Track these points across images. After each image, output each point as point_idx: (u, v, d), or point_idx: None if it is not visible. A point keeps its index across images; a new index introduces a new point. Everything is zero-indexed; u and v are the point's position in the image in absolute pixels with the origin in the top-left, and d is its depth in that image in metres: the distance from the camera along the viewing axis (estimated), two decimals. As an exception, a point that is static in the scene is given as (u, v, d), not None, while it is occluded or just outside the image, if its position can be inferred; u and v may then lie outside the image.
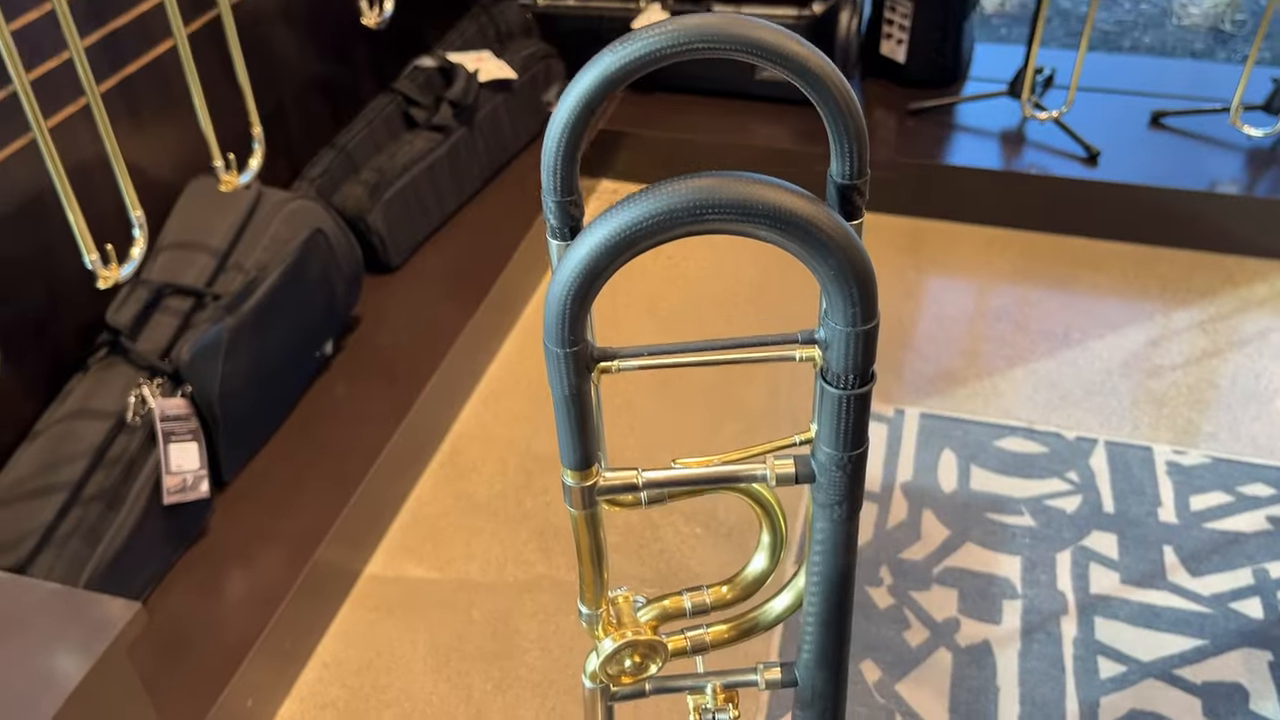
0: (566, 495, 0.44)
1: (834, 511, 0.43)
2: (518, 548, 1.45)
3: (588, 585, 0.45)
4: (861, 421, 0.42)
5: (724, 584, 0.49)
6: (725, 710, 0.49)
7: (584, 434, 0.42)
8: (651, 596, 0.49)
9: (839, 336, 0.39)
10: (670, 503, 0.46)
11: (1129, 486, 1.49)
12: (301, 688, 1.29)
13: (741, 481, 0.44)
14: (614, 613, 0.48)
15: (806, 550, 0.46)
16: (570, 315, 0.39)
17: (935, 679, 1.27)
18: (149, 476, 1.22)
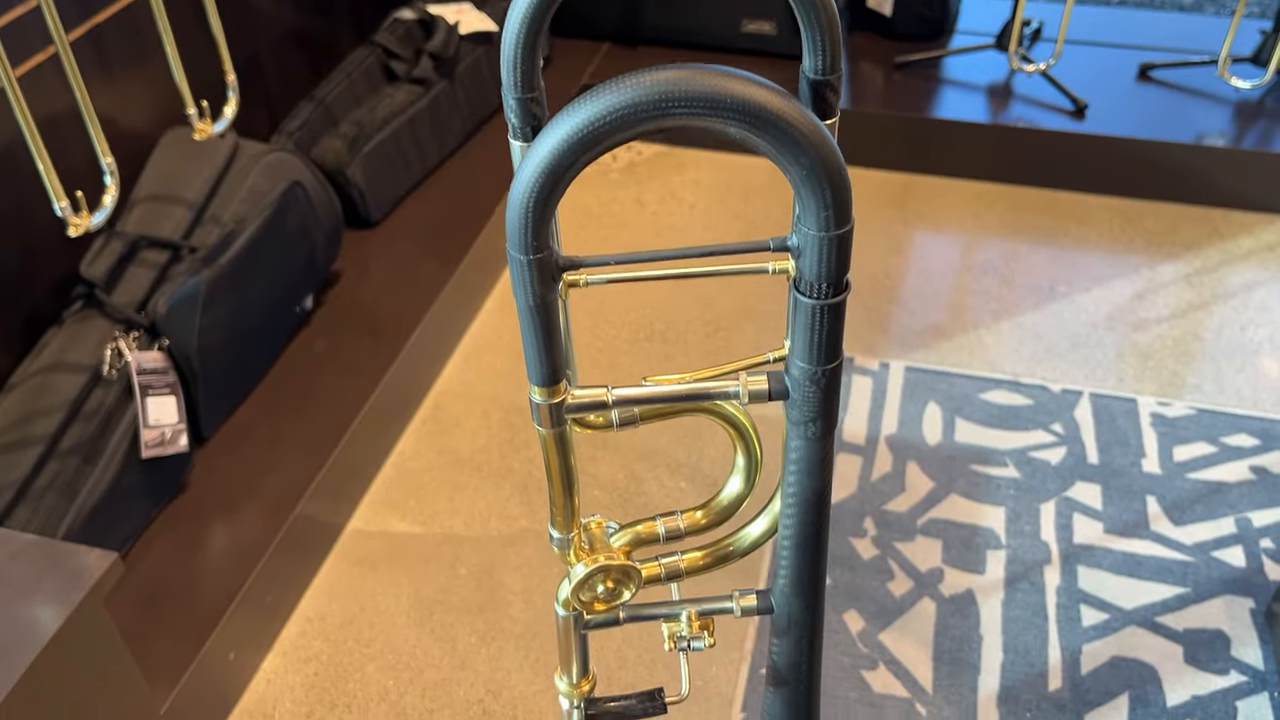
0: (535, 414, 0.43)
1: (808, 429, 0.42)
2: (501, 502, 1.44)
3: (559, 509, 0.44)
4: (835, 334, 0.40)
5: (698, 509, 0.49)
6: (700, 638, 0.49)
7: (551, 347, 0.41)
8: (624, 523, 0.48)
9: (812, 242, 0.38)
10: (644, 424, 0.45)
11: (1113, 438, 1.49)
12: (284, 642, 1.28)
13: (714, 399, 0.43)
14: (586, 539, 0.47)
15: (781, 473, 0.46)
16: (533, 219, 0.37)
17: (919, 628, 1.28)
18: (126, 430, 1.21)
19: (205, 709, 1.17)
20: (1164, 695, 1.20)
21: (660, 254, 0.41)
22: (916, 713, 1.19)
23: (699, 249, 0.41)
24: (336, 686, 1.24)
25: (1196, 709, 1.18)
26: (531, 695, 1.23)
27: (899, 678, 1.23)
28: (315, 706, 1.22)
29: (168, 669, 1.12)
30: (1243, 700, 1.19)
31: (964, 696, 1.20)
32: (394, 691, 1.23)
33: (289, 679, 1.25)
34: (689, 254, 0.41)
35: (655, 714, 0.49)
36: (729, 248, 0.41)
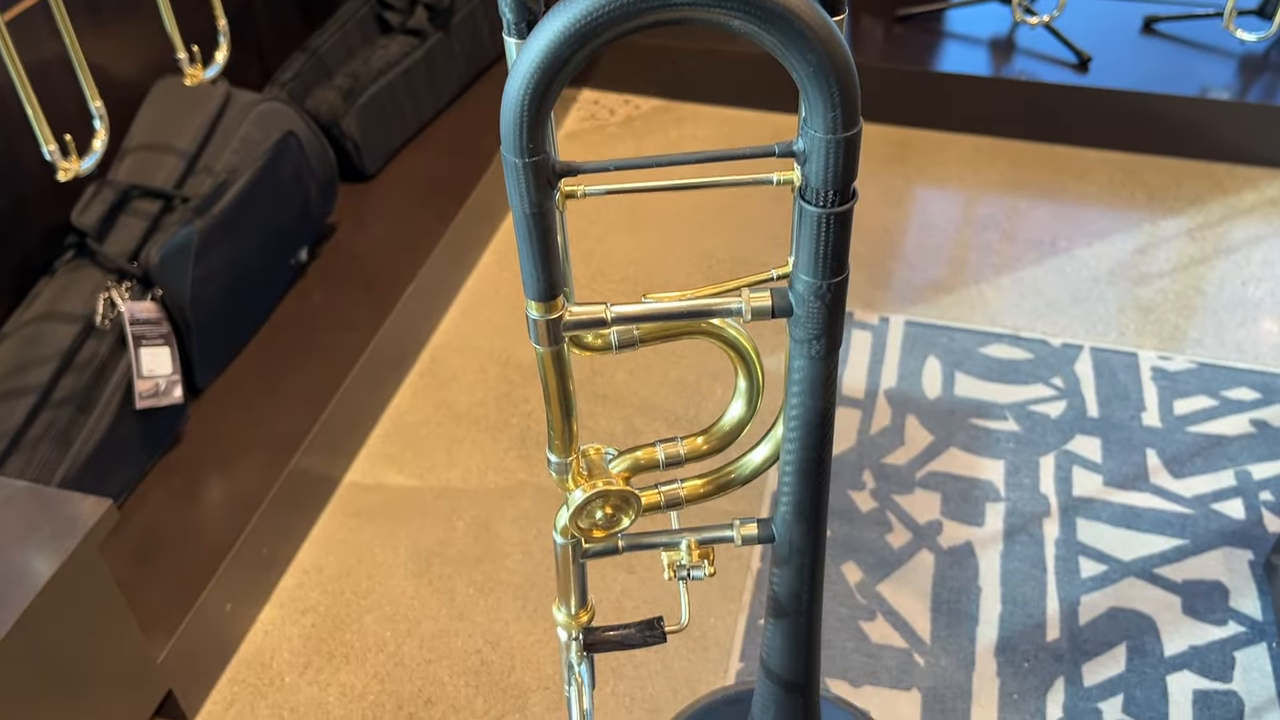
0: (531, 331, 0.42)
1: (812, 347, 0.41)
2: (499, 456, 1.43)
3: (557, 431, 0.43)
4: (842, 245, 0.39)
5: (699, 434, 0.48)
6: (700, 567, 0.48)
7: (548, 259, 0.39)
8: (623, 449, 0.47)
9: (818, 145, 0.37)
10: (644, 345, 0.44)
11: (1113, 391, 1.48)
12: (281, 593, 1.28)
13: (715, 315, 0.42)
14: (584, 465, 0.46)
15: (784, 394, 0.45)
16: (529, 117, 0.36)
17: (917, 579, 1.27)
18: (120, 380, 1.20)
19: (202, 659, 1.17)
20: (1161, 645, 1.20)
21: (661, 159, 0.40)
22: (914, 663, 1.19)
23: (701, 154, 0.39)
24: (334, 637, 1.24)
25: (1194, 659, 1.18)
26: (529, 645, 1.23)
27: (897, 628, 1.23)
28: (313, 657, 1.22)
29: (164, 619, 1.12)
30: (1240, 651, 1.19)
31: (962, 647, 1.21)
32: (392, 642, 1.23)
33: (286, 630, 1.25)
34: (691, 159, 0.40)
35: (654, 643, 0.48)
36: (732, 153, 0.40)
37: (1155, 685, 1.16)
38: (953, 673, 1.18)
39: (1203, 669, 1.17)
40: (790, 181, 0.40)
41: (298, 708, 1.17)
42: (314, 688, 1.19)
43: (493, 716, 1.16)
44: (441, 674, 1.20)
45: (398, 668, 1.21)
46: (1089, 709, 1.14)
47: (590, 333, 0.44)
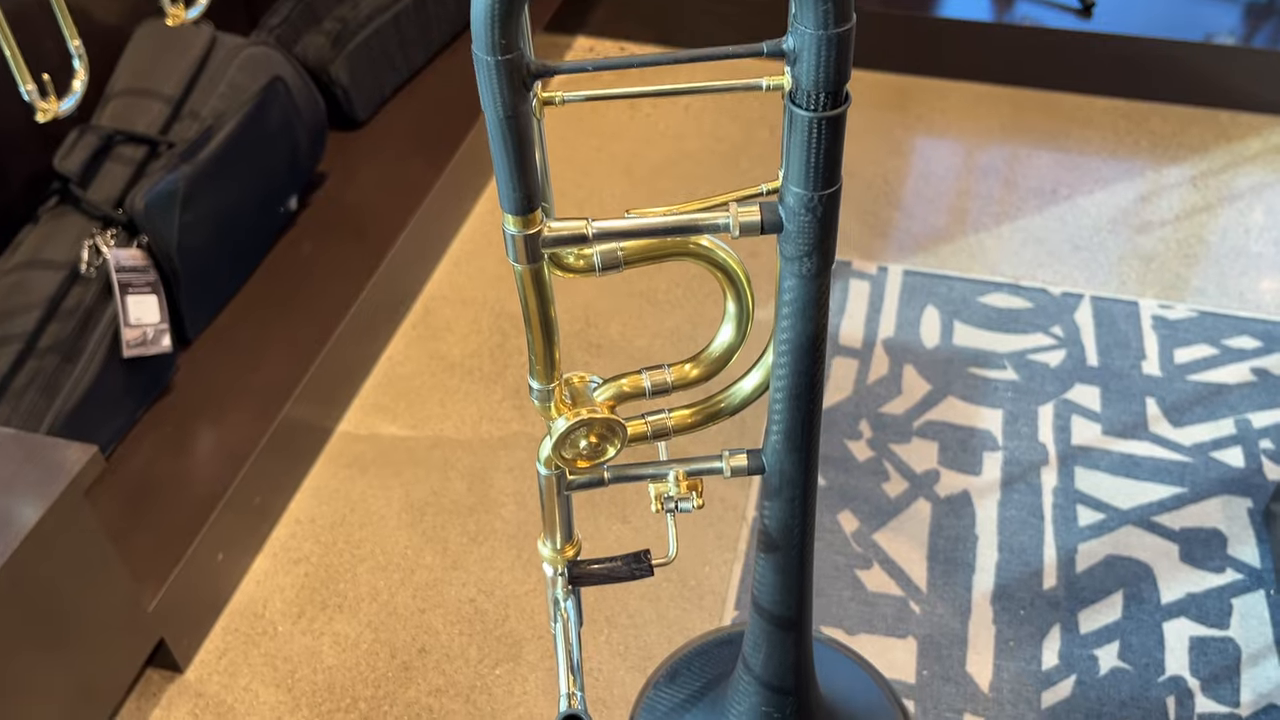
0: (509, 248, 0.40)
1: (803, 265, 0.39)
2: (493, 406, 1.42)
3: (538, 356, 0.42)
4: (834, 154, 0.37)
5: (687, 361, 0.46)
6: (689, 499, 0.46)
7: (523, 168, 0.38)
8: (608, 377, 0.46)
9: (809, 43, 0.35)
10: (628, 267, 0.43)
11: (1113, 340, 1.47)
12: (274, 543, 1.27)
13: (701, 231, 0.40)
14: (568, 393, 0.44)
15: (774, 318, 0.43)
16: (501, 9, 0.34)
17: (914, 528, 1.27)
18: (107, 329, 1.18)
19: (195, 609, 1.16)
20: (1159, 593, 1.19)
21: (644, 59, 0.38)
22: (910, 611, 1.19)
23: (687, 52, 0.37)
24: (327, 587, 1.23)
25: (1191, 606, 1.18)
26: (523, 594, 1.22)
27: (893, 577, 1.22)
28: (306, 607, 1.21)
29: (155, 568, 1.11)
30: (1238, 598, 1.18)
31: (958, 595, 1.20)
32: (385, 592, 1.22)
33: (279, 580, 1.24)
34: (675, 59, 0.38)
35: (642, 576, 0.47)
36: (718, 52, 0.38)
37: (1152, 632, 1.16)
38: (949, 620, 1.18)
39: (1200, 616, 1.17)
40: (780, 87, 0.38)
41: (291, 657, 1.17)
42: (307, 637, 1.18)
43: (486, 665, 1.16)
44: (435, 623, 1.19)
45: (391, 617, 1.20)
46: (1085, 655, 1.14)
47: (572, 253, 0.42)
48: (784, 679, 0.56)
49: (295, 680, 1.15)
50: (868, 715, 0.66)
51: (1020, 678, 1.12)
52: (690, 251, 0.43)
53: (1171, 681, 1.12)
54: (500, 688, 1.14)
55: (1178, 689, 1.11)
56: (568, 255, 0.42)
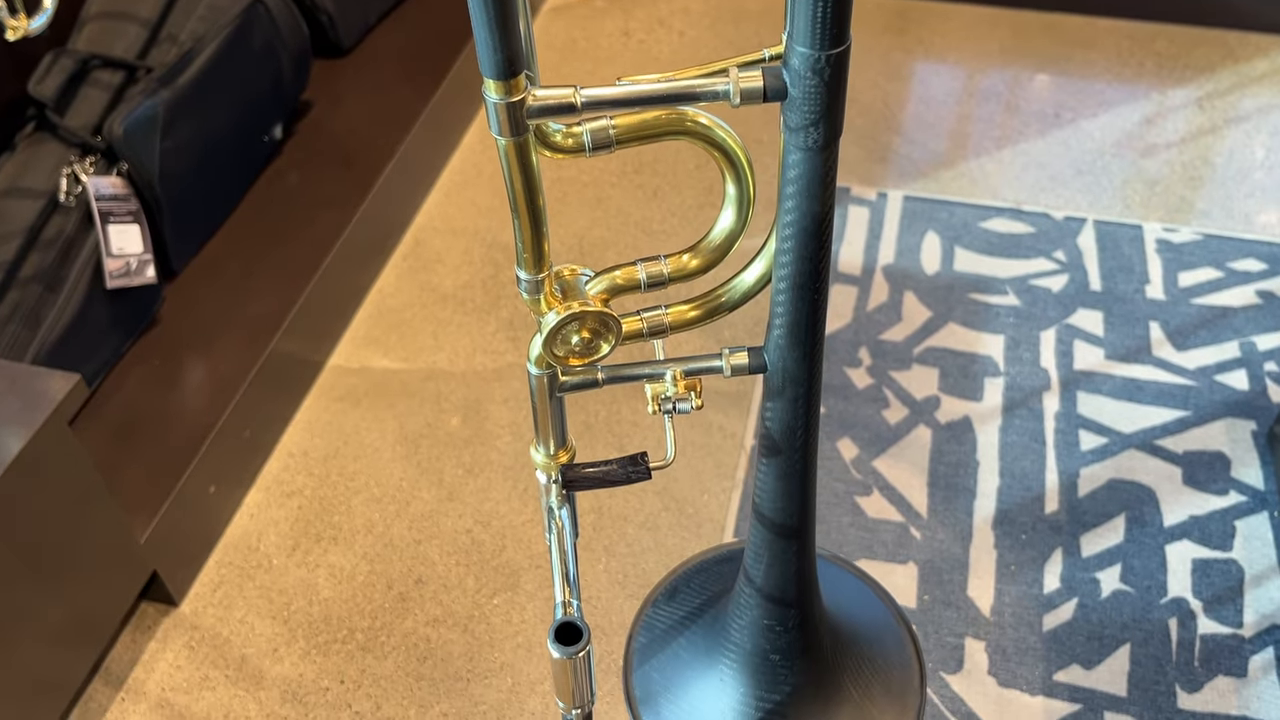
0: (492, 119, 0.38)
1: (809, 135, 0.37)
2: (486, 338, 1.40)
3: (525, 244, 0.39)
4: (843, 6, 0.35)
5: (685, 251, 0.44)
6: (686, 399, 0.44)
7: (505, 26, 0.35)
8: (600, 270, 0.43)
9: (816, -119, 0.32)
10: (620, 147, 0.40)
11: (1117, 264, 1.44)
12: (266, 477, 1.26)
13: (700, 99, 0.37)
14: (558, 286, 0.42)
15: (778, 200, 0.41)
16: None
17: (914, 454, 1.25)
18: (89, 259, 1.15)
19: (187, 542, 1.15)
20: (1161, 516, 1.18)
21: None
22: (911, 536, 1.18)
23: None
24: (321, 520, 1.22)
25: (1194, 528, 1.17)
26: (520, 525, 1.21)
27: (893, 503, 1.21)
28: (300, 539, 1.20)
29: (145, 500, 1.09)
30: (1241, 520, 1.17)
31: (959, 520, 1.19)
32: (380, 524, 1.21)
33: (273, 513, 1.22)
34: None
35: (638, 479, 0.45)
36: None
37: (1154, 555, 1.15)
38: (949, 546, 1.17)
39: (1203, 538, 1.16)
40: (784, -59, 0.36)
41: (286, 589, 1.16)
42: (302, 569, 1.17)
43: (484, 595, 1.15)
44: (432, 554, 1.18)
45: (387, 548, 1.19)
46: (1087, 579, 1.13)
47: (560, 130, 0.39)
48: (786, 590, 0.55)
49: (291, 612, 1.14)
50: (872, 631, 0.64)
51: (1021, 601, 1.12)
52: (687, 129, 0.40)
53: (1174, 603, 1.11)
54: (498, 617, 1.13)
55: (1180, 611, 1.10)
56: (555, 133, 0.39)
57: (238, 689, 1.08)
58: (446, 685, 1.08)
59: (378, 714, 1.06)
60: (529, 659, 1.09)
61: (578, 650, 0.44)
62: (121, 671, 1.09)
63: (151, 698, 1.07)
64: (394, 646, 1.11)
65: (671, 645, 0.63)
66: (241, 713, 1.06)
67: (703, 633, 0.62)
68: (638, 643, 0.64)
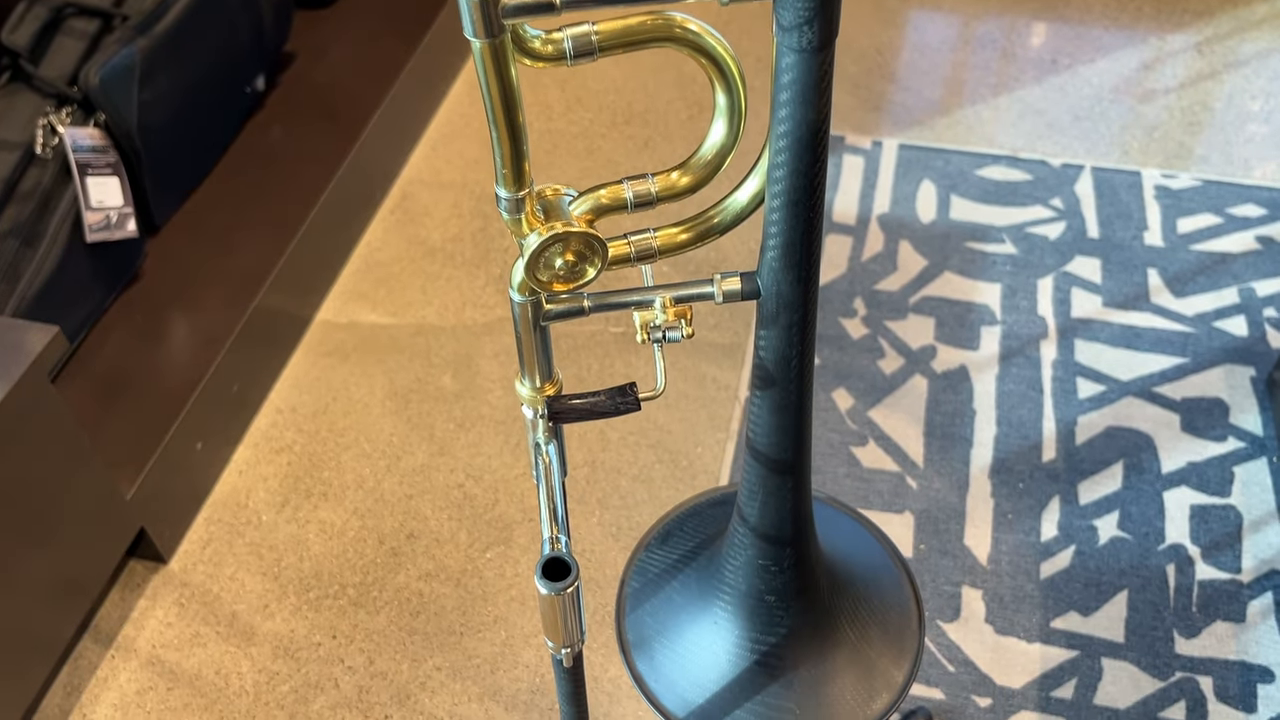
0: (465, 18, 0.35)
1: (803, 36, 0.35)
2: (476, 291, 1.38)
3: (504, 158, 0.37)
4: (838, -111, 0.33)
5: (674, 169, 0.42)
6: (676, 327, 0.42)
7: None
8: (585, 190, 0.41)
9: None
10: (604, 55, 0.38)
11: (1115, 211, 1.42)
12: (255, 433, 1.24)
13: (687, -4, 0.35)
14: (540, 207, 0.40)
15: (770, 111, 0.39)
16: None
17: (910, 404, 1.24)
18: (68, 212, 1.13)
19: (175, 499, 1.14)
20: (1159, 462, 1.17)
21: None
22: (907, 486, 1.17)
23: None
24: (311, 475, 1.20)
25: (1192, 475, 1.16)
26: (513, 479, 1.19)
27: (889, 453, 1.19)
28: (290, 495, 1.18)
29: (131, 456, 1.08)
30: (1240, 466, 1.16)
31: (955, 469, 1.18)
32: (371, 479, 1.20)
33: (261, 470, 1.21)
34: None
35: (627, 410, 0.43)
36: None
37: (1152, 501, 1.14)
38: (946, 495, 1.16)
39: (1201, 484, 1.15)
40: None
41: (276, 545, 1.14)
42: (292, 525, 1.16)
43: (477, 549, 1.13)
44: (423, 509, 1.17)
45: (378, 504, 1.17)
46: (1084, 526, 1.12)
47: (539, 36, 0.37)
48: (781, 529, 0.53)
49: (281, 569, 1.12)
50: (869, 572, 0.63)
51: (1019, 549, 1.11)
52: (675, 36, 0.38)
53: (1172, 550, 1.10)
54: (491, 570, 1.12)
55: (1178, 557, 1.10)
56: (534, 39, 0.37)
57: (229, 645, 1.07)
58: (439, 639, 1.07)
59: (370, 668, 1.05)
60: (522, 612, 1.08)
61: (566, 586, 0.42)
62: (111, 629, 1.08)
63: (142, 655, 1.06)
64: (386, 601, 1.10)
65: (665, 589, 0.62)
66: (233, 669, 1.05)
67: (696, 575, 0.61)
68: (630, 588, 0.63)
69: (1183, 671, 1.02)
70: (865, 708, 0.59)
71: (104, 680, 1.05)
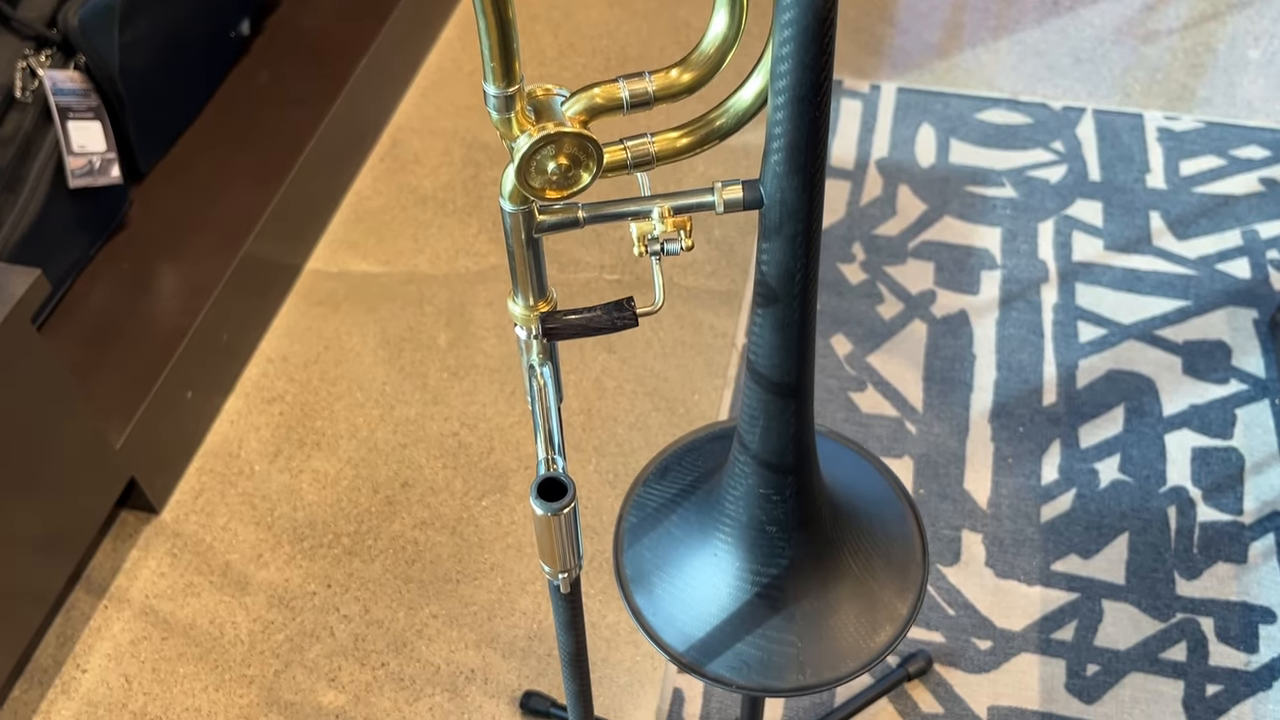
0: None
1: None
2: (468, 240, 1.36)
3: (492, 50, 0.35)
4: None
5: (673, 66, 0.40)
6: (675, 239, 0.41)
7: None
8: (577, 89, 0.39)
9: None
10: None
11: (1117, 154, 1.40)
12: (246, 383, 1.22)
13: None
14: (531, 107, 0.38)
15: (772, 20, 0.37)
16: None
17: (909, 349, 1.22)
18: (49, 156, 1.10)
19: (166, 449, 1.12)
20: (1161, 405, 1.16)
21: None
22: (906, 431, 1.16)
23: None
24: (304, 425, 1.19)
25: (1194, 417, 1.15)
26: (508, 427, 1.18)
27: (888, 398, 1.18)
28: (283, 445, 1.17)
29: (120, 405, 1.06)
30: (1242, 408, 1.15)
31: (955, 414, 1.17)
32: (364, 428, 1.18)
33: (253, 419, 1.19)
34: None
35: (624, 325, 0.42)
36: None
37: (1153, 444, 1.13)
38: (945, 439, 1.14)
39: (1203, 427, 1.14)
40: None
41: (269, 495, 1.13)
42: (285, 475, 1.15)
43: (472, 497, 1.12)
44: (418, 457, 1.16)
45: (372, 453, 1.16)
46: (1085, 469, 1.11)
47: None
48: (783, 455, 0.52)
49: (275, 518, 1.11)
50: (873, 505, 0.62)
51: (1019, 493, 1.10)
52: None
53: (1173, 492, 1.09)
54: (487, 519, 1.11)
55: (1179, 499, 1.09)
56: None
57: (223, 595, 1.06)
58: (436, 587, 1.06)
59: (366, 617, 1.04)
60: (519, 559, 1.07)
61: (562, 507, 0.41)
62: (103, 580, 1.07)
63: (135, 605, 1.05)
64: (381, 550, 1.09)
65: (663, 523, 0.61)
66: (228, 618, 1.04)
67: (695, 508, 0.59)
68: (628, 522, 0.61)
69: (1184, 613, 1.01)
70: (868, 640, 0.58)
71: (97, 630, 1.04)
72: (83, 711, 0.98)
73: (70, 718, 0.98)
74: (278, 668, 1.01)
